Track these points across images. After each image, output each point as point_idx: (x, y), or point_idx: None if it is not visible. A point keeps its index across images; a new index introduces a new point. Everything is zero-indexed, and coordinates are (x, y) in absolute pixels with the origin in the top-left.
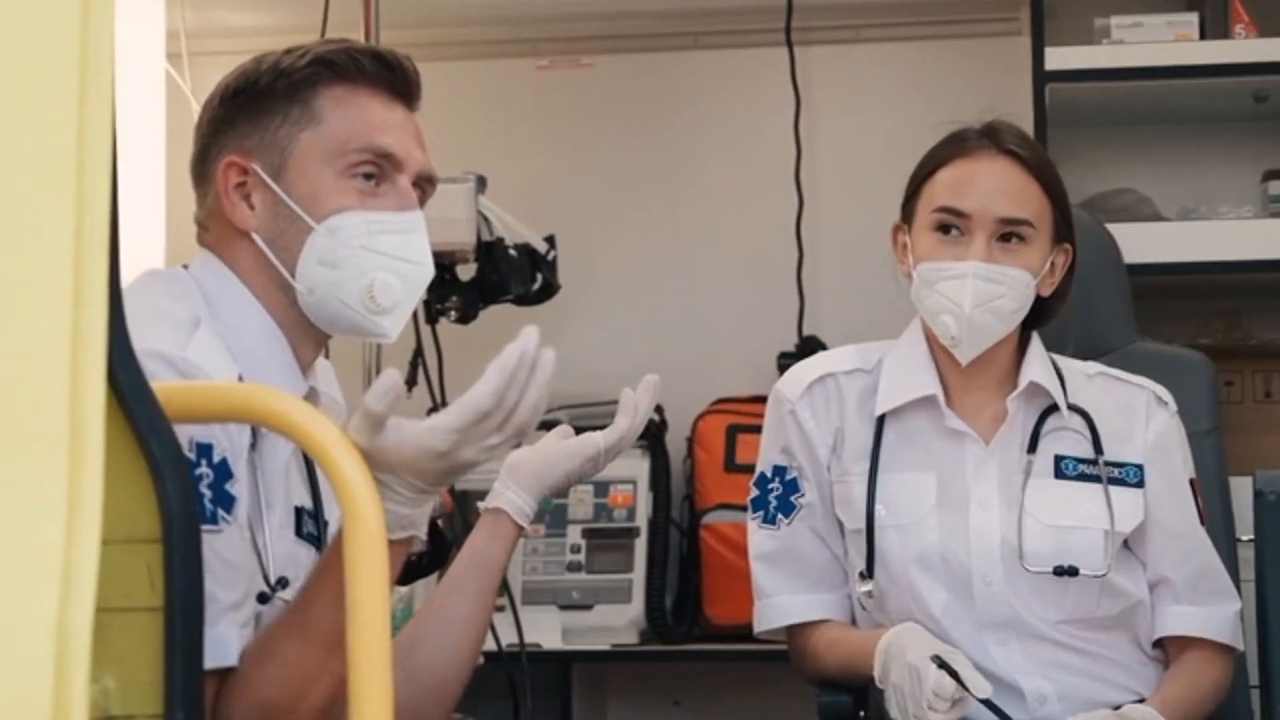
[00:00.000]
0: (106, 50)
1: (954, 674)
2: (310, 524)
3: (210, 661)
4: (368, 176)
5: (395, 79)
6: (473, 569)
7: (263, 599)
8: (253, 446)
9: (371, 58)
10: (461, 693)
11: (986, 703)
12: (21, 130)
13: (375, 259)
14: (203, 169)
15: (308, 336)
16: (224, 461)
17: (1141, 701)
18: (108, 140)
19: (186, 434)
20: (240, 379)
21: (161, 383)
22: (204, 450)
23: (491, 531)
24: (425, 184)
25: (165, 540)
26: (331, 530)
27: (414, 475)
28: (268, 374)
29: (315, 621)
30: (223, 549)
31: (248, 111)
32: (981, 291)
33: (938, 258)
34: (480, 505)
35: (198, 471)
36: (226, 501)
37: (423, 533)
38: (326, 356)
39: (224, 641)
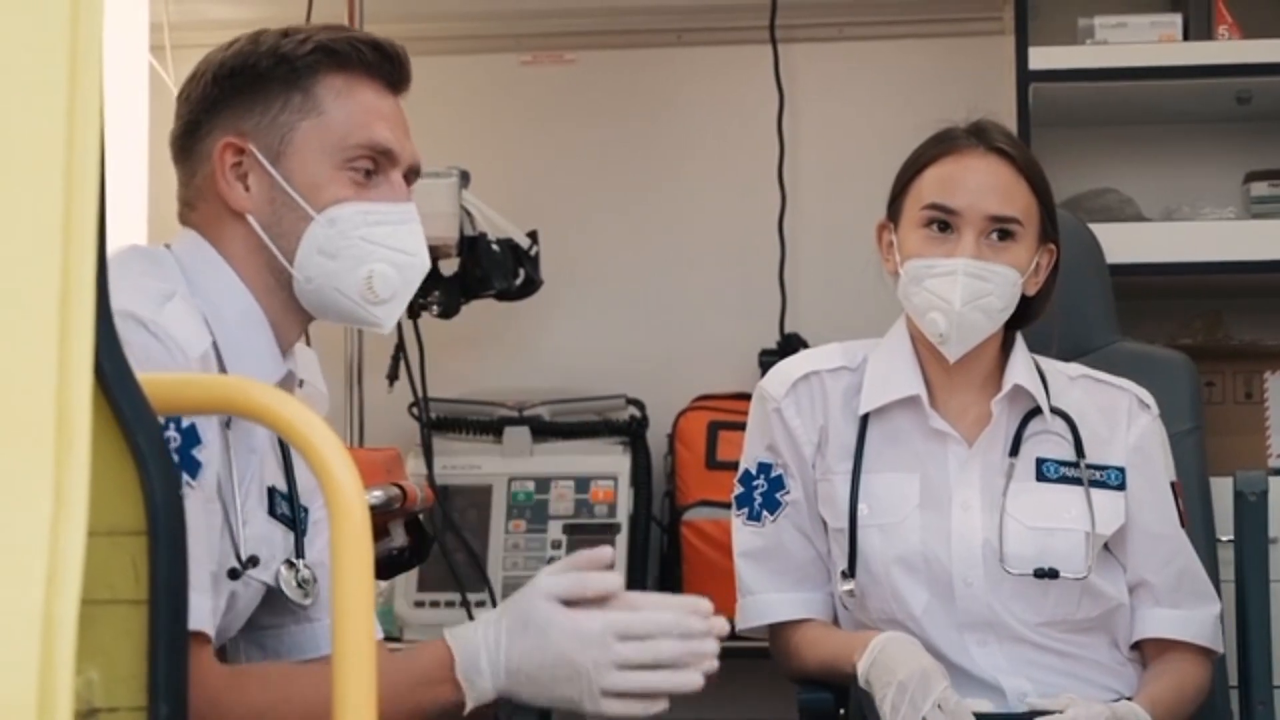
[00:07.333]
0: (96, 40)
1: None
2: (284, 505)
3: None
4: (361, 169)
5: (392, 70)
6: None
7: (234, 575)
8: (227, 424)
9: (372, 48)
10: None
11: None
12: (9, 122)
13: (372, 249)
14: (189, 144)
15: (293, 320)
16: (192, 427)
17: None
18: (96, 131)
19: None
20: (215, 347)
21: (147, 375)
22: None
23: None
24: (411, 175)
25: (150, 533)
26: (312, 518)
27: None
28: (246, 350)
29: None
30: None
31: (245, 93)
32: (971, 288)
33: (926, 254)
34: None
35: (165, 435)
36: (191, 466)
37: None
38: (308, 343)
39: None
